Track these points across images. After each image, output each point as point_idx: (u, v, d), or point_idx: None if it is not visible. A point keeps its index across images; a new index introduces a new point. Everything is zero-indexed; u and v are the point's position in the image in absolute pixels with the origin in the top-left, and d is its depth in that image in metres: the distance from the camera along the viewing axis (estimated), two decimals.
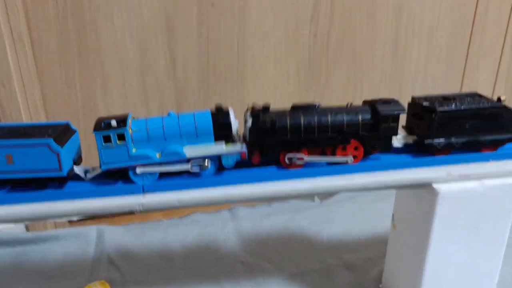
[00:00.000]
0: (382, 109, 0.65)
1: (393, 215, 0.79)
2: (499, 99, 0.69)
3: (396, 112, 0.65)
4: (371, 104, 0.67)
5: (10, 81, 0.93)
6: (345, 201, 1.14)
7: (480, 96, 0.72)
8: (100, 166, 0.61)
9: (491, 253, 0.72)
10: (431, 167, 0.68)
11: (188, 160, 0.62)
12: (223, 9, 1.03)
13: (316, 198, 0.67)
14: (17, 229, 1.01)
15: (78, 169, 0.62)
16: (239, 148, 0.62)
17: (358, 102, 0.71)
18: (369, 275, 0.88)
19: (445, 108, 0.67)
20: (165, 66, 1.04)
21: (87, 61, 1.00)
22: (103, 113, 1.04)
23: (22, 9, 0.92)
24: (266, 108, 0.65)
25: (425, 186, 0.67)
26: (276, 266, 0.92)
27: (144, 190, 0.62)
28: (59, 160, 0.58)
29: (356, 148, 0.66)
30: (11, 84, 0.94)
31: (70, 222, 1.07)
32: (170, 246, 0.99)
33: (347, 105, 0.68)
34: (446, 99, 0.70)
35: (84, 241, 0.98)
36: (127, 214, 0.66)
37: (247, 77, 1.10)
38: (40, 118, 1.00)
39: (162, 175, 0.63)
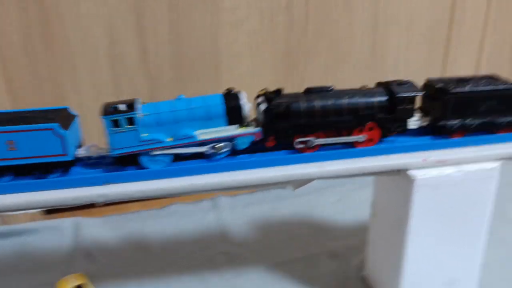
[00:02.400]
0: (399, 90, 0.65)
1: (372, 203, 0.79)
2: None
3: (412, 94, 0.65)
4: (386, 86, 0.66)
5: None
6: (326, 189, 1.13)
7: (496, 78, 0.72)
8: (109, 152, 0.60)
9: (472, 239, 0.72)
10: (406, 153, 0.67)
11: (201, 144, 0.61)
12: None
13: (288, 186, 0.66)
14: None
15: (82, 150, 0.62)
16: (252, 129, 0.62)
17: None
18: (352, 263, 0.88)
19: (459, 89, 0.66)
20: (136, 54, 1.01)
21: (53, 51, 0.96)
22: (73, 104, 0.99)
23: None
24: (278, 91, 0.65)
25: (401, 173, 0.66)
26: (258, 256, 0.91)
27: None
28: (64, 144, 0.57)
29: (371, 130, 0.66)
30: None
31: (47, 213, 1.04)
32: (149, 237, 0.97)
33: (361, 87, 0.67)
34: (461, 80, 0.70)
35: (60, 234, 0.96)
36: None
37: (222, 66, 1.08)
38: None
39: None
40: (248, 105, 0.63)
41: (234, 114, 0.62)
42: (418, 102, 0.70)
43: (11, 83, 0.96)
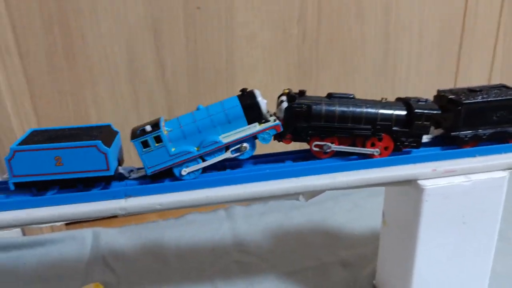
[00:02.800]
0: (417, 107, 0.66)
1: (383, 211, 0.80)
2: None
3: (431, 112, 0.66)
4: (405, 101, 0.68)
5: None
6: (339, 198, 1.14)
7: (507, 87, 0.72)
8: (146, 172, 0.63)
9: (482, 248, 0.72)
10: (416, 164, 0.68)
11: (226, 148, 0.63)
12: (209, 12, 1.03)
13: (301, 197, 0.67)
14: (13, 234, 1.02)
15: (122, 169, 0.65)
16: (272, 122, 0.63)
17: None
18: (364, 272, 0.88)
19: (471, 100, 0.68)
20: (154, 70, 1.05)
21: (75, 68, 1.01)
22: (94, 119, 1.05)
23: (7, 20, 0.93)
24: (302, 92, 0.67)
25: (411, 183, 0.67)
26: (270, 265, 0.92)
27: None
28: (107, 160, 0.61)
29: (386, 144, 0.67)
30: (0, 94, 0.94)
31: (67, 225, 1.08)
32: (166, 247, 1.00)
33: (381, 99, 0.69)
34: (472, 91, 0.71)
35: (80, 244, 0.99)
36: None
37: (237, 79, 1.11)
38: (32, 127, 1.01)
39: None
40: (264, 102, 0.64)
41: (252, 112, 0.63)
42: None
43: (36, 99, 1.01)
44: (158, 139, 0.61)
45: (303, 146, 0.69)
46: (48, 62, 0.99)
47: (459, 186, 0.66)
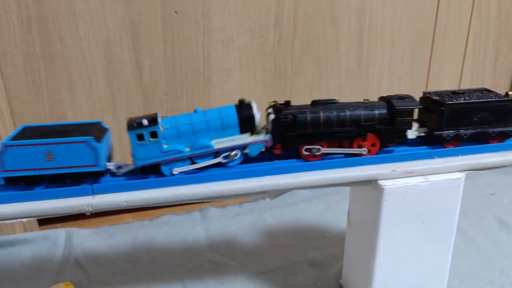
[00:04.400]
0: (398, 104, 0.69)
1: (348, 211, 0.82)
2: (506, 94, 0.73)
3: (410, 107, 0.69)
4: (386, 100, 0.71)
5: None
6: (313, 199, 1.16)
7: (489, 91, 0.76)
8: (135, 163, 0.64)
9: (440, 247, 0.74)
10: (376, 165, 0.70)
11: (216, 153, 0.66)
12: (186, 16, 1.05)
13: (267, 196, 0.69)
14: None
15: (110, 165, 0.67)
16: (263, 137, 0.66)
17: None
18: (331, 271, 0.90)
19: (454, 101, 0.71)
20: (131, 72, 1.07)
21: (53, 70, 1.02)
22: (71, 120, 1.06)
23: None
24: (287, 103, 0.70)
25: (372, 183, 0.69)
26: (242, 265, 0.94)
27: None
28: (97, 156, 0.62)
29: (373, 143, 0.70)
30: None
31: (40, 225, 1.09)
32: (139, 247, 1.01)
33: (364, 100, 0.72)
34: (455, 93, 0.75)
35: (53, 244, 1.00)
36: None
37: (214, 82, 1.13)
38: (8, 127, 1.01)
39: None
40: (259, 114, 0.67)
41: (246, 123, 0.66)
42: (415, 115, 0.74)
43: (12, 100, 1.02)
44: (154, 135, 0.63)
45: None
46: (25, 63, 0.99)
47: (417, 186, 0.69)
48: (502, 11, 1.28)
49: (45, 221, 1.09)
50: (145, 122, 0.63)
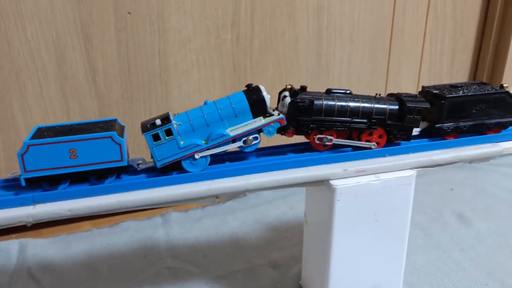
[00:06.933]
0: (410, 101, 0.70)
1: (305, 211, 0.81)
2: (501, 86, 0.76)
3: (422, 106, 0.70)
4: (397, 97, 0.72)
5: None
6: (277, 200, 1.16)
7: (485, 84, 0.78)
8: (155, 164, 0.64)
9: (395, 244, 0.74)
10: (328, 165, 0.70)
11: (233, 140, 0.66)
12: (140, 16, 1.03)
13: (220, 200, 0.68)
14: None
15: (131, 161, 0.66)
16: (277, 116, 0.66)
17: None
18: (291, 272, 0.90)
19: (454, 94, 0.73)
20: (84, 74, 1.03)
21: (1, 73, 0.97)
22: (21, 125, 1.02)
23: None
24: (303, 88, 0.70)
25: (324, 183, 0.69)
26: (202, 270, 0.92)
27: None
28: (121, 151, 0.61)
29: (380, 136, 0.71)
30: None
31: None
32: (97, 256, 0.98)
33: (375, 95, 0.73)
34: (454, 86, 0.76)
35: (5, 256, 0.96)
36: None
37: (171, 83, 1.11)
38: None
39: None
40: (268, 97, 0.67)
41: (258, 106, 0.66)
42: None
43: None
44: (169, 132, 0.63)
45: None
46: None
47: (369, 185, 0.69)
48: (457, 9, 1.30)
49: None
50: (158, 122, 0.63)
